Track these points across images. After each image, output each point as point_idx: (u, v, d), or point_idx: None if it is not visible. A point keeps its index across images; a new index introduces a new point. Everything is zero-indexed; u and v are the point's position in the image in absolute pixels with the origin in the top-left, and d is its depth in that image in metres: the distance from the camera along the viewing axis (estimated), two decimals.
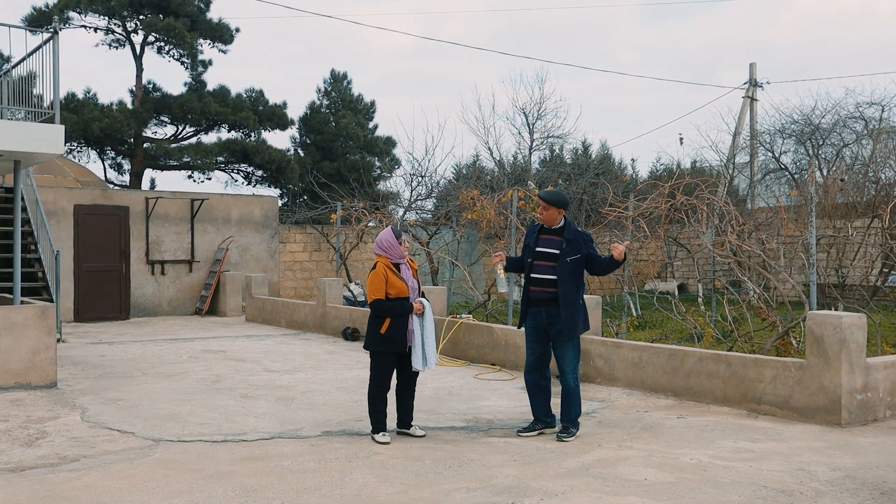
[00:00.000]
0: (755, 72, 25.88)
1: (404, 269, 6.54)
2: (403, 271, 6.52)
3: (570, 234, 6.50)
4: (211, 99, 27.86)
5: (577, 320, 6.42)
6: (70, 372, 9.56)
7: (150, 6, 27.19)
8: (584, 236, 6.56)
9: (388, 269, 6.45)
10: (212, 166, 28.25)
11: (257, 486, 5.17)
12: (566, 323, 6.38)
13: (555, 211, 6.54)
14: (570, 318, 6.39)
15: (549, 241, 6.54)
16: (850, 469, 5.61)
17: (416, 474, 5.46)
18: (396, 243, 6.50)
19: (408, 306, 6.39)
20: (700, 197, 8.95)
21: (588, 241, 6.55)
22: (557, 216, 6.56)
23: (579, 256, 6.44)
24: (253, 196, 19.37)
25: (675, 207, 9.48)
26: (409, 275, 6.55)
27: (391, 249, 6.49)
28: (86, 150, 28.92)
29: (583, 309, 6.50)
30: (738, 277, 18.07)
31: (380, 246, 6.54)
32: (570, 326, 6.39)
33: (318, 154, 30.89)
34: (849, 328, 6.88)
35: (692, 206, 9.18)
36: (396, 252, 6.50)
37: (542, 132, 30.54)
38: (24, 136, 8.07)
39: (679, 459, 5.84)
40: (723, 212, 8.87)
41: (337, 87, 32.20)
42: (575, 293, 6.43)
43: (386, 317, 6.38)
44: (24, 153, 8.18)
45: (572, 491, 5.11)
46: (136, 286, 17.11)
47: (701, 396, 7.92)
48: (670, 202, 9.35)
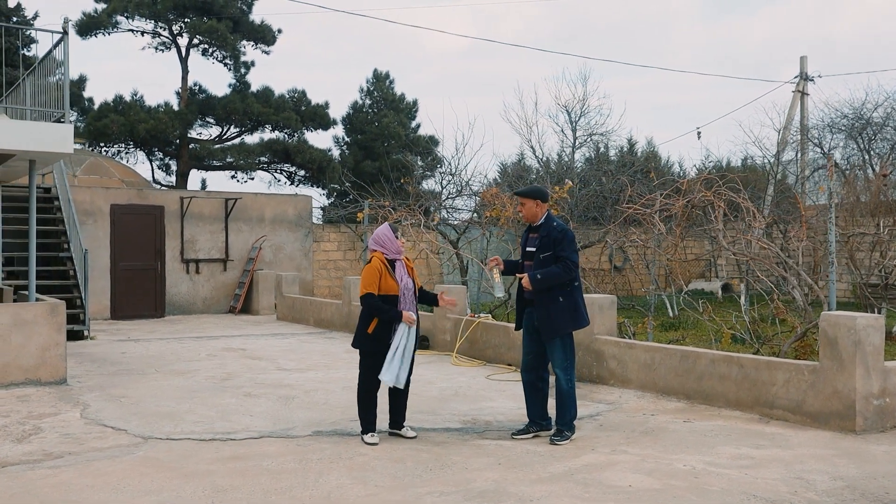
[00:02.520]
0: (806, 65, 25.13)
1: (399, 266, 6.40)
2: (398, 269, 6.38)
3: (545, 231, 6.31)
4: (254, 100, 28.15)
5: (556, 319, 6.20)
6: (86, 368, 9.67)
7: (195, 9, 27.59)
8: (557, 232, 6.26)
9: (383, 264, 6.32)
10: (254, 166, 28.55)
11: (229, 486, 5.09)
12: (541, 322, 6.20)
13: (532, 204, 6.36)
14: (546, 317, 6.19)
15: (533, 239, 6.39)
16: (853, 479, 5.30)
17: (393, 476, 5.33)
18: (393, 238, 6.39)
19: (395, 314, 6.22)
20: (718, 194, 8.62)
21: (559, 239, 6.22)
22: (537, 211, 6.37)
23: (551, 254, 6.22)
24: (287, 195, 19.48)
25: (692, 204, 9.17)
26: (403, 273, 6.42)
27: (388, 244, 6.37)
28: (134, 152, 29.52)
29: (567, 307, 6.22)
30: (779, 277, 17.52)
31: (376, 241, 6.42)
32: (545, 325, 6.19)
33: (360, 153, 30.98)
34: (864, 329, 6.52)
35: (710, 203, 8.86)
36: (393, 247, 6.37)
37: (586, 130, 30.15)
38: (35, 136, 8.17)
39: (672, 466, 5.60)
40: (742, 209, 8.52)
41: (379, 86, 32.25)
42: (550, 292, 6.20)
43: (374, 316, 6.26)
44: (34, 153, 8.29)
45: (549, 497, 4.92)
46: (171, 284, 17.33)
47: (713, 400, 7.62)
48: (688, 199, 9.04)
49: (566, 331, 6.25)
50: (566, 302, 6.23)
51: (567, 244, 6.20)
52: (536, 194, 6.45)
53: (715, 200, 8.54)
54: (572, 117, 30.16)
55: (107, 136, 27.37)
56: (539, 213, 6.43)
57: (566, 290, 6.26)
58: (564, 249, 6.22)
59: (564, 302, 6.22)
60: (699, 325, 13.10)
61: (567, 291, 6.26)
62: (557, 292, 6.22)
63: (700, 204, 9.14)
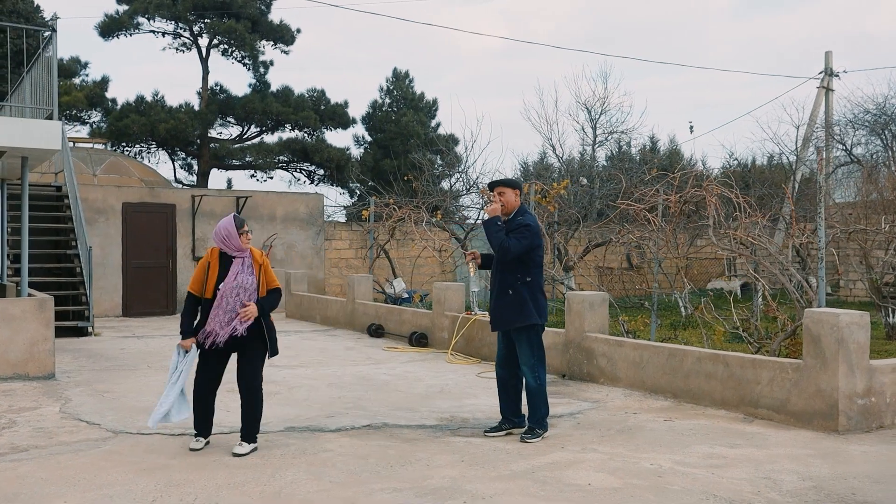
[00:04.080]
0: (831, 60, 24.68)
1: (237, 264, 5.71)
2: (234, 267, 5.69)
3: (514, 218, 6.24)
4: (273, 99, 28.31)
5: (504, 312, 6.17)
6: (80, 364, 9.74)
7: (214, 9, 27.80)
8: (514, 223, 6.18)
9: (216, 261, 5.74)
10: (273, 165, 28.69)
11: (183, 480, 5.06)
12: (491, 313, 6.18)
13: (512, 194, 6.29)
14: (493, 309, 6.20)
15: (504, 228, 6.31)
16: (822, 479, 5.13)
17: (351, 473, 5.27)
18: (235, 234, 5.68)
19: (183, 330, 5.73)
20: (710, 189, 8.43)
21: (516, 227, 6.13)
22: (516, 202, 6.31)
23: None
24: (298, 193, 19.52)
25: (684, 200, 8.99)
26: (243, 272, 5.70)
27: (228, 240, 5.70)
28: (156, 152, 29.83)
29: (515, 301, 6.12)
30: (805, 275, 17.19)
31: (217, 235, 5.75)
32: (493, 317, 6.24)
33: (379, 152, 31.01)
34: (847, 327, 6.33)
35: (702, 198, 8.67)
36: (233, 244, 5.69)
37: (606, 128, 29.91)
38: (23, 133, 8.24)
39: (639, 465, 5.47)
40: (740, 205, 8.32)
41: (399, 85, 32.26)
42: (502, 284, 6.16)
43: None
44: (22, 149, 8.36)
45: (502, 494, 4.82)
46: (182, 282, 17.41)
47: (699, 399, 7.46)
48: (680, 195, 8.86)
49: (512, 325, 6.17)
50: (515, 296, 6.15)
51: (522, 232, 6.08)
52: (517, 184, 6.39)
53: (707, 196, 8.36)
54: (592, 115, 29.99)
55: (128, 136, 27.70)
56: (516, 204, 6.36)
57: (516, 285, 6.16)
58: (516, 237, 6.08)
59: (513, 296, 6.15)
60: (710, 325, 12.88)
61: (517, 286, 6.16)
62: (507, 285, 6.16)
63: (692, 199, 8.96)
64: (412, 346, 11.62)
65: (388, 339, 12.57)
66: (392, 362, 10.19)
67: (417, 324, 12.07)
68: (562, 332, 9.17)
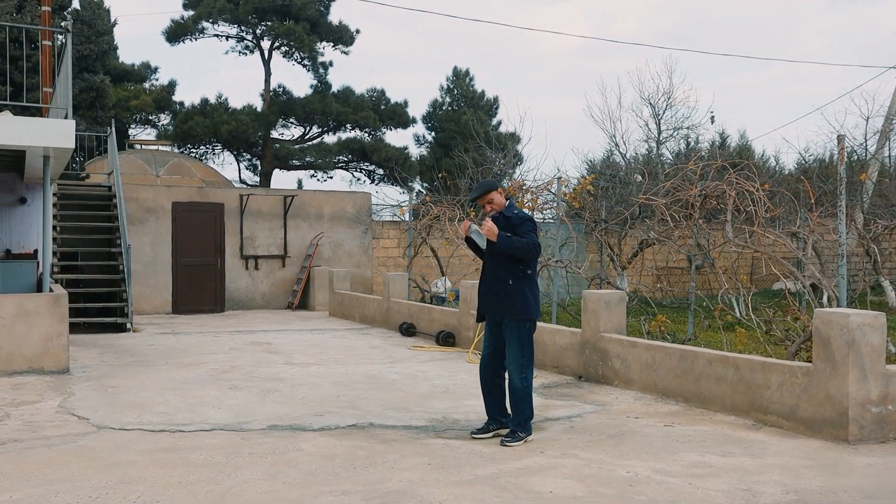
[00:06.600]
0: None
1: None
2: None
3: (507, 213, 6.07)
4: (332, 100, 28.54)
5: (503, 301, 5.98)
6: (101, 359, 9.89)
7: (274, 12, 28.20)
8: (514, 219, 6.01)
9: None
10: (332, 165, 28.92)
11: (137, 477, 5.00)
12: (482, 303, 6.14)
13: (496, 195, 6.14)
14: (491, 298, 6.04)
15: (495, 220, 6.11)
16: (809, 492, 4.72)
17: (309, 474, 5.11)
18: None
19: None
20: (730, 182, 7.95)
21: (518, 221, 5.98)
22: (502, 200, 6.15)
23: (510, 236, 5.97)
24: (345, 192, 19.55)
25: (706, 195, 8.51)
26: None
27: None
28: (220, 153, 30.47)
29: (514, 291, 5.93)
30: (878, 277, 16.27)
31: None
32: (488, 306, 6.07)
33: (439, 151, 30.93)
34: (859, 328, 5.85)
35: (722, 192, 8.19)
36: None
37: (671, 123, 29.06)
38: (39, 132, 8.40)
39: (614, 472, 5.15)
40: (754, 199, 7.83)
41: (459, 84, 32.11)
42: (501, 274, 5.97)
43: None
44: (37, 147, 8.52)
45: (455, 500, 4.59)
46: (230, 280, 17.67)
47: (710, 403, 7.04)
48: (702, 189, 8.40)
49: (509, 315, 5.96)
50: (515, 287, 5.97)
51: (528, 226, 5.98)
52: (494, 184, 6.22)
53: (728, 190, 7.89)
54: (656, 111, 29.19)
55: (192, 138, 28.34)
56: (504, 201, 6.19)
57: (517, 277, 5.97)
58: (526, 233, 5.96)
59: (513, 286, 5.98)
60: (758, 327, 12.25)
61: (518, 278, 5.97)
62: (507, 276, 5.98)
63: (713, 193, 8.48)
64: (438, 345, 11.43)
65: (418, 338, 12.41)
66: (409, 361, 10.02)
67: (446, 323, 11.87)
68: (578, 333, 8.84)
